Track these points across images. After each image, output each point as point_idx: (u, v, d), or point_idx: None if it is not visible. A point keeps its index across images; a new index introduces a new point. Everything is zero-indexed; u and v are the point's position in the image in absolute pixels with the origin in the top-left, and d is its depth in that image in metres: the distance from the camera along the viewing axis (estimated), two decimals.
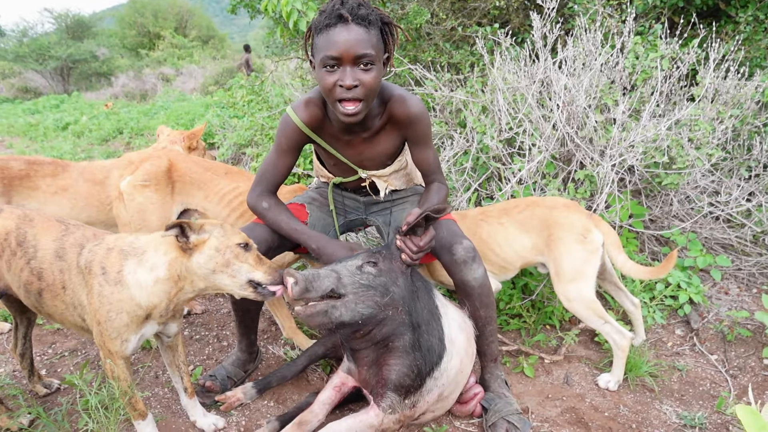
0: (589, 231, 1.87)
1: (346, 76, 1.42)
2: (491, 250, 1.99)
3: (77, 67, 19.74)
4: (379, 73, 1.46)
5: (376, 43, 1.44)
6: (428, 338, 1.53)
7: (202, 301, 2.70)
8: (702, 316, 2.41)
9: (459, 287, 1.68)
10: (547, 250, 1.92)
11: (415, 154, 1.71)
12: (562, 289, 1.88)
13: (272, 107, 5.28)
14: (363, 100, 1.46)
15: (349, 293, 1.40)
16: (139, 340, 1.44)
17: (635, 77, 2.73)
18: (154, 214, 2.12)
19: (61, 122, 10.33)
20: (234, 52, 21.16)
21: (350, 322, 1.41)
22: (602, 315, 1.87)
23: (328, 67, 1.43)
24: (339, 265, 1.45)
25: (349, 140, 1.68)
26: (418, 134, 1.66)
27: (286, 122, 1.65)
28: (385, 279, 1.45)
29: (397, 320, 1.47)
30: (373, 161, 1.75)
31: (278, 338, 2.32)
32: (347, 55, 1.40)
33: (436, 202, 1.68)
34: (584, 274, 1.85)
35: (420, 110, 1.61)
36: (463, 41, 4.38)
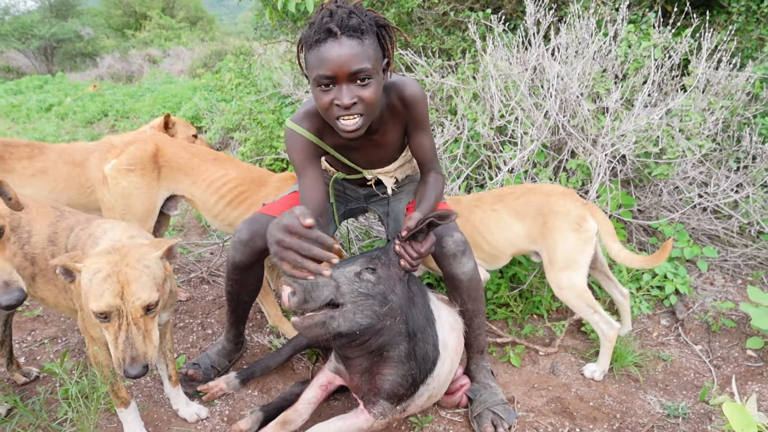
0: (584, 219, 1.86)
1: (342, 95, 1.31)
2: (483, 238, 1.97)
3: (61, 46, 19.31)
4: (378, 85, 1.36)
5: (373, 53, 1.32)
6: (423, 346, 1.50)
7: (187, 287, 2.66)
8: (687, 307, 2.42)
9: (448, 280, 1.66)
10: (541, 238, 1.91)
11: (413, 140, 1.64)
12: (553, 277, 1.88)
13: (261, 91, 5.19)
14: (363, 115, 1.36)
15: (347, 302, 1.35)
16: None
17: (627, 66, 2.71)
18: (138, 200, 2.07)
19: (44, 103, 10.11)
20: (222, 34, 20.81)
21: (348, 333, 1.36)
22: (592, 304, 1.86)
23: (322, 86, 1.33)
24: (337, 271, 1.39)
25: (356, 146, 1.61)
26: (416, 118, 1.57)
27: (293, 138, 1.54)
28: (384, 287, 1.40)
29: (394, 330, 1.43)
30: (383, 159, 1.70)
31: (263, 326, 2.29)
32: (341, 73, 1.29)
33: (434, 198, 1.61)
34: (577, 262, 1.84)
35: (418, 92, 1.53)
36: (455, 26, 4.32)
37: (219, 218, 2.15)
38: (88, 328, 1.38)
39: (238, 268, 1.69)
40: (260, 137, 4.11)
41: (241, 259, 1.66)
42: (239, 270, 1.70)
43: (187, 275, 2.79)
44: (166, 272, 1.28)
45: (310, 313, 1.32)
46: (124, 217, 2.05)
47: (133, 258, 1.21)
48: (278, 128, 4.04)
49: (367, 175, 1.73)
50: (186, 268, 2.88)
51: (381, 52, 1.38)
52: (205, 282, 2.74)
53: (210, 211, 2.14)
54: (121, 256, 1.21)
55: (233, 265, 1.68)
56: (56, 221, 1.48)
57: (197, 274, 2.79)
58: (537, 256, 2.01)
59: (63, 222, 1.47)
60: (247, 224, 1.64)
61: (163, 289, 1.24)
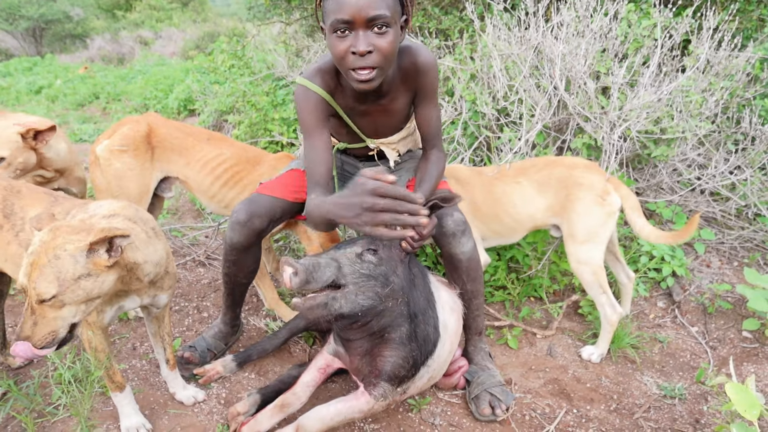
0: (608, 193, 1.84)
1: (359, 42, 1.27)
2: (505, 211, 1.94)
3: (50, 28, 18.92)
4: (395, 37, 1.32)
5: (392, 3, 1.30)
6: (424, 328, 1.49)
7: (182, 271, 2.64)
8: (684, 289, 2.43)
9: (447, 260, 1.65)
10: (563, 211, 1.88)
11: (419, 111, 1.59)
12: (573, 249, 1.86)
13: (255, 73, 5.11)
14: (378, 67, 1.32)
15: (349, 283, 1.33)
16: (116, 311, 1.38)
17: (627, 46, 2.67)
18: (132, 181, 2.03)
19: (34, 86, 9.94)
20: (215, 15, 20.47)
21: (350, 314, 1.34)
22: (603, 284, 1.86)
23: (338, 32, 1.29)
24: (338, 252, 1.37)
25: (365, 109, 1.57)
26: (426, 87, 1.53)
27: (305, 95, 1.47)
28: (386, 268, 1.38)
29: (396, 311, 1.42)
30: (388, 128, 1.66)
31: (260, 309, 2.28)
32: (359, 17, 1.25)
33: (435, 177, 1.59)
34: (598, 236, 1.83)
35: (430, 59, 1.48)
36: (452, 6, 4.25)
37: (215, 200, 2.12)
38: None
39: (235, 249, 1.66)
40: (254, 120, 4.05)
41: (239, 239, 1.63)
42: (237, 251, 1.67)
43: (182, 258, 2.77)
44: (94, 267, 1.15)
45: (312, 294, 1.31)
46: (117, 199, 2.01)
47: (52, 244, 1.12)
48: (272, 110, 3.99)
49: (370, 144, 1.69)
50: (181, 251, 2.85)
51: (400, 8, 1.35)
52: (201, 265, 2.72)
53: (205, 192, 2.11)
54: (50, 237, 1.14)
55: (231, 246, 1.66)
56: (50, 206, 1.44)
57: (192, 258, 2.77)
58: (556, 231, 1.99)
59: (58, 206, 1.44)
60: (245, 204, 1.61)
61: (71, 286, 1.12)
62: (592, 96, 2.36)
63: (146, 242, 1.30)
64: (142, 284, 1.33)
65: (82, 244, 1.13)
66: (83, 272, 1.14)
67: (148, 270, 1.29)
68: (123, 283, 1.28)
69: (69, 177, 2.20)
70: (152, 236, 1.33)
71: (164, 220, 3.24)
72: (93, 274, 1.15)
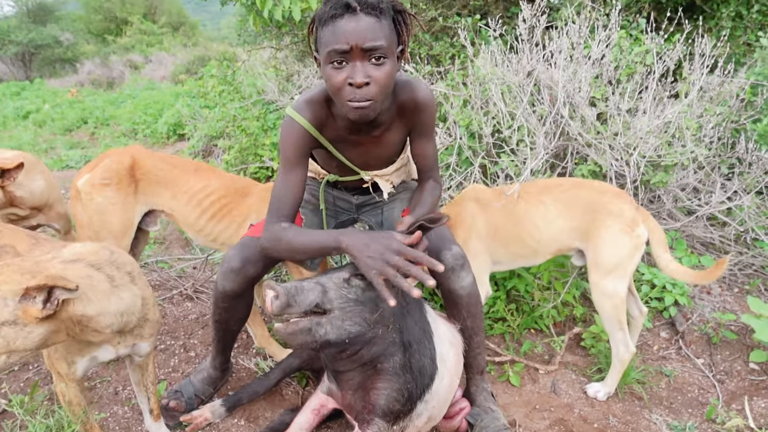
0: (637, 224, 1.77)
1: (356, 73, 1.24)
2: (527, 231, 1.86)
3: (39, 52, 18.91)
4: (393, 68, 1.29)
5: (389, 34, 1.27)
6: (420, 358, 1.41)
7: (169, 306, 2.53)
8: (686, 318, 2.37)
9: (446, 296, 1.58)
10: (588, 237, 1.81)
11: (416, 146, 1.57)
12: (598, 280, 1.79)
13: (245, 98, 5.08)
14: (375, 99, 1.28)
15: (335, 308, 1.26)
16: (89, 362, 1.29)
17: (620, 71, 2.66)
18: (114, 216, 1.94)
19: (21, 110, 9.86)
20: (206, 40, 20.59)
21: (336, 341, 1.27)
22: (622, 321, 1.78)
23: (335, 63, 1.26)
24: (324, 277, 1.31)
25: (356, 140, 1.52)
26: (423, 124, 1.51)
27: (290, 127, 1.44)
28: (375, 293, 1.32)
29: (387, 339, 1.35)
30: (380, 160, 1.61)
31: (250, 347, 2.18)
32: (356, 48, 1.23)
33: (429, 204, 1.54)
34: (624, 268, 1.76)
35: (428, 96, 1.46)
36: (442, 32, 4.26)
37: (202, 233, 2.04)
38: (54, 363, 1.26)
39: (228, 296, 1.58)
40: (244, 145, 4.00)
41: (232, 288, 1.55)
42: (229, 299, 1.59)
43: (168, 292, 2.67)
44: (22, 315, 1.02)
45: (295, 319, 1.24)
46: (99, 235, 1.92)
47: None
48: (263, 135, 3.93)
49: (365, 176, 1.63)
50: (167, 284, 2.75)
51: (396, 37, 1.32)
52: (188, 299, 2.62)
53: (192, 225, 2.02)
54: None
55: (223, 294, 1.57)
56: (30, 249, 1.36)
57: (180, 291, 2.66)
58: (578, 258, 1.92)
59: (37, 250, 1.35)
60: (238, 251, 1.53)
61: None
62: (593, 122, 2.33)
63: (106, 293, 1.18)
64: (104, 336, 1.21)
65: (17, 287, 1.01)
66: (8, 318, 1.00)
67: (107, 322, 1.17)
68: (72, 335, 1.15)
69: (49, 213, 2.12)
70: (122, 284, 1.23)
71: (150, 251, 3.14)
72: (19, 322, 1.02)
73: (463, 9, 4.37)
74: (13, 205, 2.06)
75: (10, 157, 2.07)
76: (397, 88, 1.45)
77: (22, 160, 1.95)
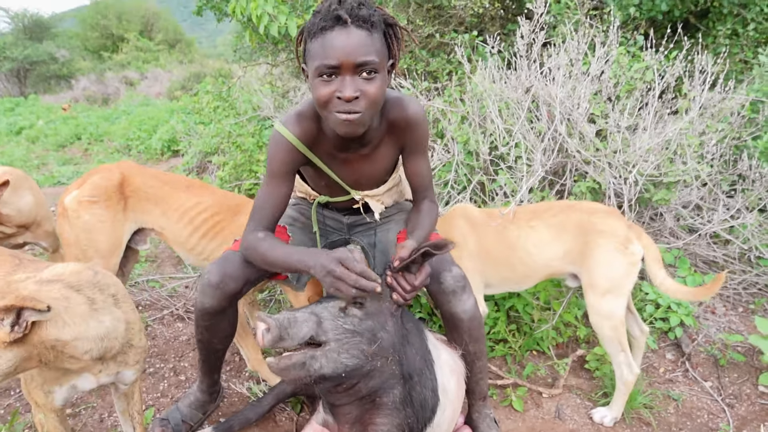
0: (630, 241, 1.73)
1: (345, 87, 1.20)
2: (518, 257, 1.82)
3: (35, 68, 18.90)
4: (383, 82, 1.25)
5: (380, 48, 1.23)
6: (421, 391, 1.33)
7: (159, 326, 2.45)
8: (691, 338, 2.31)
9: (447, 319, 1.51)
10: (581, 259, 1.77)
11: (409, 165, 1.52)
12: (594, 302, 1.74)
13: (240, 114, 5.04)
14: (364, 113, 1.24)
15: (330, 340, 1.19)
16: (68, 391, 1.21)
17: (619, 88, 2.64)
18: (102, 234, 1.88)
19: (14, 126, 9.79)
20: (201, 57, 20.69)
21: (332, 375, 1.19)
22: (623, 342, 1.73)
23: (324, 77, 1.22)
24: (319, 306, 1.24)
25: (345, 158, 1.47)
26: (415, 141, 1.47)
27: (278, 142, 1.40)
28: (373, 323, 1.24)
29: (387, 372, 1.27)
30: (370, 179, 1.55)
31: (242, 370, 2.10)
32: (347, 63, 1.19)
33: (428, 226, 1.48)
34: (621, 287, 1.71)
35: (419, 113, 1.42)
36: (439, 49, 4.26)
37: (194, 252, 1.97)
38: (31, 392, 1.18)
39: (208, 313, 1.50)
40: (239, 161, 3.94)
41: (211, 304, 1.47)
42: (209, 316, 1.51)
43: (159, 312, 2.58)
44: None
45: (288, 353, 1.17)
46: (86, 254, 1.85)
47: None
48: (258, 152, 3.88)
49: (356, 196, 1.58)
50: (158, 304, 2.67)
51: (387, 51, 1.28)
52: (180, 319, 2.54)
53: (183, 244, 1.96)
54: None
55: (202, 311, 1.50)
56: (13, 270, 1.29)
57: (171, 311, 2.58)
58: (572, 280, 1.88)
59: (20, 271, 1.28)
60: (217, 265, 1.46)
61: None
62: (591, 139, 2.29)
63: (84, 316, 1.10)
64: (83, 363, 1.13)
65: None
66: None
67: (84, 347, 1.09)
68: (46, 362, 1.07)
69: (36, 231, 2.05)
70: (103, 307, 1.15)
71: (141, 270, 3.06)
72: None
73: (459, 26, 4.38)
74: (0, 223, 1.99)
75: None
76: (387, 105, 1.41)
77: (7, 178, 1.89)
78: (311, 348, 1.18)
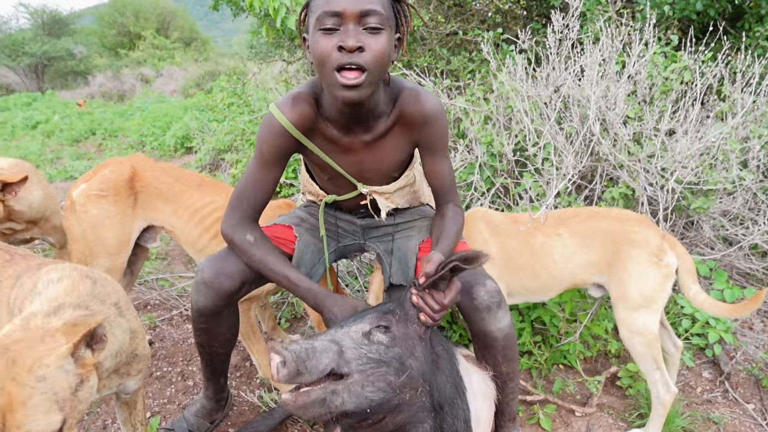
0: (664, 252, 1.61)
1: (348, 36, 1.09)
2: (542, 265, 1.71)
3: (52, 64, 19.12)
4: (389, 42, 1.14)
5: (387, 6, 1.14)
6: (453, 422, 1.20)
7: (167, 327, 2.36)
8: (730, 356, 2.16)
9: (478, 337, 1.37)
10: (610, 269, 1.65)
11: (427, 164, 1.39)
12: (625, 316, 1.62)
13: (254, 111, 4.97)
14: (368, 70, 1.11)
15: (354, 372, 1.05)
16: None
17: (654, 89, 2.50)
18: (110, 230, 1.79)
19: (30, 121, 9.86)
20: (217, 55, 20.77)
21: (356, 411, 1.05)
22: (658, 359, 1.60)
23: (326, 28, 1.11)
24: (340, 331, 1.10)
25: (348, 144, 1.34)
26: (433, 138, 1.34)
27: (269, 124, 1.30)
28: (401, 350, 1.10)
29: (416, 404, 1.13)
30: (377, 173, 1.42)
31: (253, 377, 2.00)
32: (351, 10, 1.09)
33: (454, 234, 1.35)
34: (654, 301, 1.59)
35: (436, 108, 1.30)
36: (459, 47, 4.14)
37: (204, 253, 1.87)
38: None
39: (203, 314, 1.40)
40: None
41: (204, 303, 1.37)
42: (205, 317, 1.41)
43: (168, 312, 2.50)
44: (82, 371, 0.93)
45: (306, 388, 1.02)
46: (93, 251, 1.76)
47: (24, 367, 0.86)
48: None
49: (362, 189, 1.44)
50: (167, 303, 2.58)
51: (394, 20, 1.19)
52: (189, 320, 2.44)
53: (193, 244, 1.86)
54: (8, 362, 0.85)
55: (197, 311, 1.40)
56: (2, 267, 1.20)
57: (180, 312, 2.49)
58: (596, 290, 1.76)
59: (10, 268, 1.19)
60: (211, 261, 1.37)
61: (73, 402, 0.90)
62: (626, 143, 2.16)
63: None
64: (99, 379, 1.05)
65: (63, 349, 0.90)
66: (75, 381, 0.91)
67: (106, 365, 1.02)
68: None
69: (45, 226, 1.97)
70: (112, 321, 1.07)
71: (151, 267, 2.98)
72: (84, 379, 0.93)
73: (481, 24, 4.26)
74: (10, 220, 1.92)
75: (7, 167, 1.94)
76: (402, 95, 1.29)
77: (26, 174, 1.82)
78: (332, 381, 1.04)
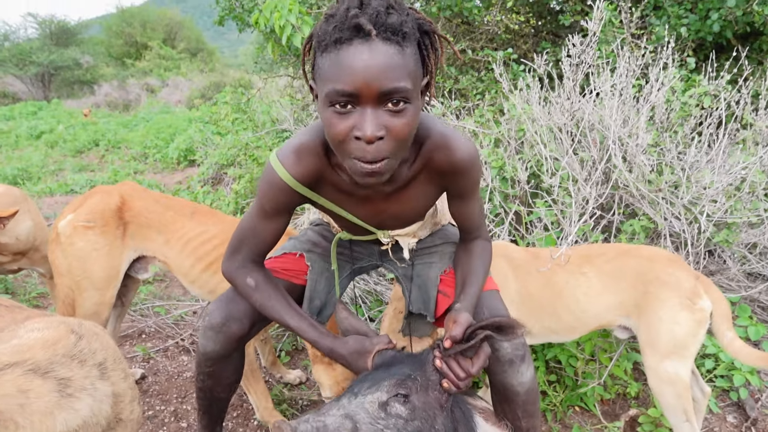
0: (698, 296, 1.50)
1: (365, 123, 0.90)
2: (565, 306, 1.60)
3: (59, 73, 19.22)
4: (416, 113, 0.95)
5: (413, 68, 0.92)
6: None
7: (162, 359, 2.25)
8: (755, 398, 2.03)
9: (498, 390, 1.26)
10: (639, 312, 1.54)
11: (457, 208, 1.25)
12: (654, 363, 1.51)
13: (258, 126, 4.89)
14: (390, 157, 0.95)
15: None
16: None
17: (673, 114, 2.40)
18: (97, 263, 1.68)
19: (35, 130, 9.82)
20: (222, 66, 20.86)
21: None
22: (688, 410, 1.48)
23: (338, 107, 0.92)
24: (354, 402, 0.98)
25: (364, 195, 1.18)
26: (464, 187, 1.18)
27: (270, 178, 1.13)
28: (420, 423, 0.98)
29: None
30: (399, 221, 1.28)
31: (250, 418, 1.88)
32: (369, 92, 0.88)
33: (482, 275, 1.23)
34: (686, 349, 1.48)
35: (470, 157, 1.11)
36: (467, 66, 4.06)
37: (196, 284, 1.77)
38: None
39: (210, 359, 1.30)
40: (256, 174, 3.79)
41: (213, 348, 1.27)
42: (212, 361, 1.30)
43: (163, 342, 2.38)
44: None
45: None
46: (80, 285, 1.66)
47: None
48: None
49: (383, 238, 1.32)
50: (163, 332, 2.47)
51: (422, 68, 0.97)
52: (185, 351, 2.33)
53: (186, 275, 1.76)
54: None
55: (204, 355, 1.29)
56: None
57: (176, 341, 2.38)
58: (621, 332, 1.64)
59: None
60: (220, 304, 1.26)
61: None
62: (646, 173, 2.05)
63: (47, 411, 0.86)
64: None
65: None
66: None
67: None
68: None
69: (34, 257, 1.88)
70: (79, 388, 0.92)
71: (147, 293, 2.87)
72: None
73: (489, 42, 4.18)
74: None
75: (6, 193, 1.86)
76: (429, 141, 1.10)
77: (17, 208, 1.73)
78: None
